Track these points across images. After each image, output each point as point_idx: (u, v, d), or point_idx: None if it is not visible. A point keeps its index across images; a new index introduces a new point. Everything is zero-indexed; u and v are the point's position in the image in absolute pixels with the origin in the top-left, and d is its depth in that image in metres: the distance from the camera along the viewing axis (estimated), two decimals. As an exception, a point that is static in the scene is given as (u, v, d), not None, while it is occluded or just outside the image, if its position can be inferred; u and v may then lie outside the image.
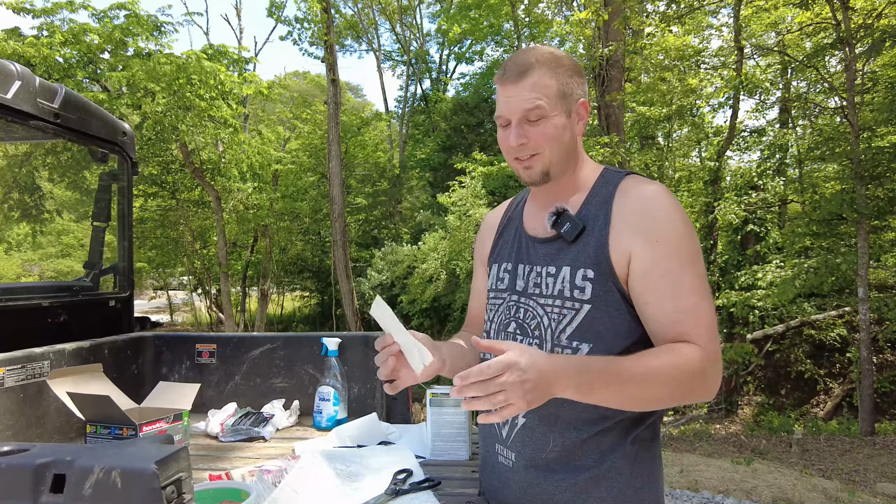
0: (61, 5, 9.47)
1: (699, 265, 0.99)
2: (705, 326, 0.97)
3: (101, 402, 1.04)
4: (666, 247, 0.98)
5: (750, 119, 11.19)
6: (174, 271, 17.32)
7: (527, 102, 1.03)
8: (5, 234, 15.31)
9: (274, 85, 12.63)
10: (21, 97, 1.58)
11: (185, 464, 0.62)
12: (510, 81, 1.05)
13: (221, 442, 1.62)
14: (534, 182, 1.09)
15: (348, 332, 1.93)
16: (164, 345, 1.94)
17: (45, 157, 10.08)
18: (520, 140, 1.05)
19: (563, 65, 1.06)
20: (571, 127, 1.07)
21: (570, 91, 1.06)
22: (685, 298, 0.97)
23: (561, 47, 16.89)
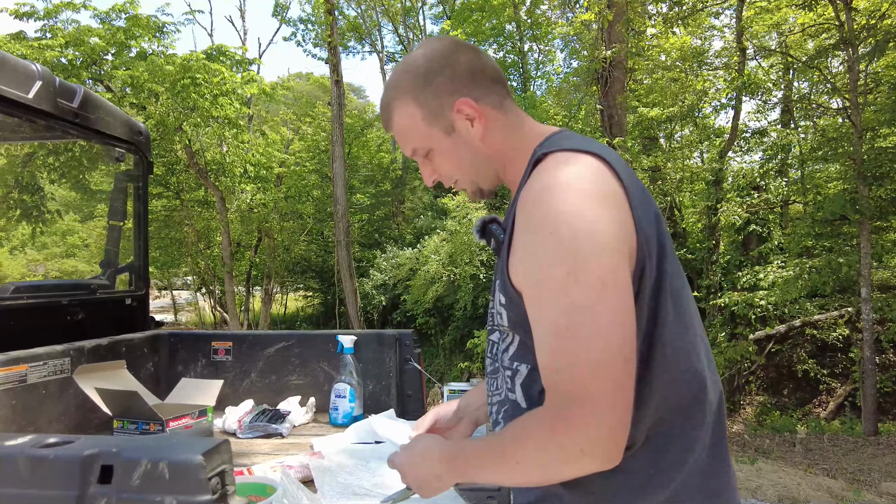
0: (63, 6, 9.49)
1: (573, 284, 0.73)
2: (557, 378, 0.73)
3: (128, 397, 1.06)
4: (534, 269, 0.78)
5: (752, 120, 11.19)
6: (178, 271, 17.33)
7: (405, 150, 0.95)
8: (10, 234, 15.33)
9: (277, 86, 12.65)
10: (42, 97, 1.60)
11: (227, 456, 0.64)
12: (388, 131, 0.97)
13: (239, 438, 1.64)
14: (481, 200, 1.01)
15: (364, 330, 1.95)
16: (180, 342, 1.96)
17: (45, 157, 10.08)
18: (431, 177, 0.97)
19: (417, 81, 0.90)
20: (464, 137, 0.90)
21: (438, 104, 0.89)
22: (541, 340, 0.76)
23: (563, 50, 16.91)
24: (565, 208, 0.75)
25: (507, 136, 0.91)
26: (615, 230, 0.75)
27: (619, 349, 0.71)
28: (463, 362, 10.98)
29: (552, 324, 0.74)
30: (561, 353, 0.72)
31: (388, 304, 13.50)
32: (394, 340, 1.90)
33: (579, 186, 0.76)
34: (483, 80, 0.90)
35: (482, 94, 0.90)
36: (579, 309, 0.72)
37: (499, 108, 0.91)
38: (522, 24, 16.47)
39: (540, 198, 0.78)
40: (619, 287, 0.73)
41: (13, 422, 1.39)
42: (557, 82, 16.95)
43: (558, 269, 0.73)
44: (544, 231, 0.75)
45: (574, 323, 0.72)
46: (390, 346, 1.90)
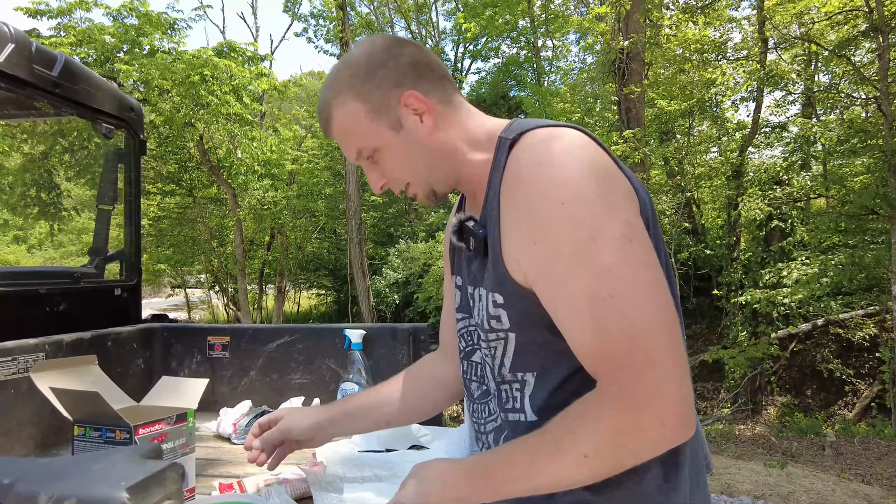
0: (76, 4, 9.45)
1: (600, 246, 0.66)
2: (609, 351, 0.65)
3: (88, 399, 0.88)
4: (545, 246, 0.69)
5: (773, 115, 10.86)
6: (192, 269, 17.33)
7: (349, 154, 0.86)
8: (28, 233, 15.41)
9: (290, 84, 12.55)
10: (14, 62, 1.43)
11: (174, 487, 0.45)
12: (328, 136, 0.88)
13: (234, 444, 1.47)
14: (433, 205, 0.91)
15: (373, 324, 1.77)
16: (174, 337, 1.79)
17: (62, 155, 10.07)
18: (379, 183, 0.87)
19: (358, 75, 0.82)
20: (413, 133, 0.82)
21: (383, 98, 0.81)
22: (578, 316, 0.67)
23: (578, 43, 16.66)
24: (570, 174, 0.69)
25: (460, 130, 0.84)
26: (622, 188, 0.72)
27: (666, 305, 0.66)
28: (477, 361, 10.77)
29: (587, 293, 0.66)
30: (608, 321, 0.65)
31: (401, 301, 13.36)
32: (407, 335, 1.72)
33: (576, 154, 0.71)
34: (429, 73, 0.84)
35: (429, 88, 0.83)
36: (614, 270, 0.65)
37: (448, 103, 0.84)
38: (536, 19, 16.24)
39: (535, 173, 0.72)
40: (643, 242, 0.69)
41: (-23, 425, 1.23)
42: (572, 77, 16.72)
43: (577, 235, 0.67)
44: (551, 202, 0.69)
45: (613, 285, 0.65)
46: (403, 341, 1.71)
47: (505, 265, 0.75)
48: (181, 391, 1.10)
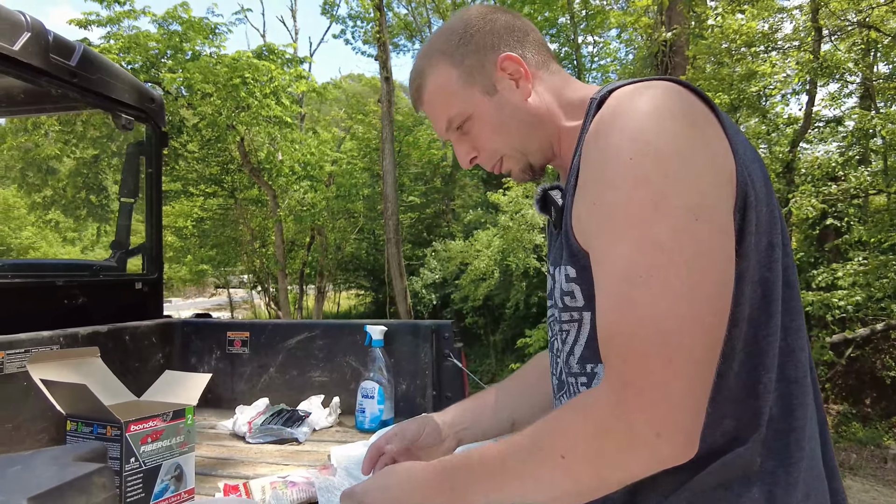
0: (123, 14, 9.76)
1: (659, 214, 0.56)
2: (627, 333, 0.55)
3: (77, 392, 0.83)
4: (603, 206, 0.61)
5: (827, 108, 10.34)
6: (234, 269, 17.71)
7: (439, 125, 0.82)
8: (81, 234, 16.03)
9: (329, 86, 12.67)
10: (31, 51, 1.41)
11: (102, 495, 0.37)
12: (418, 107, 0.84)
13: (248, 443, 1.41)
14: (529, 181, 0.85)
15: (395, 320, 1.69)
16: (194, 332, 1.75)
17: (110, 159, 10.42)
18: (469, 156, 0.83)
19: (452, 40, 0.79)
20: (508, 98, 0.77)
21: (478, 61, 0.77)
22: (609, 289, 0.59)
23: (619, 37, 16.30)
24: (646, 127, 0.60)
25: (556, 96, 0.79)
26: (710, 150, 0.61)
27: (710, 300, 0.56)
28: (515, 363, 10.65)
29: (626, 265, 0.57)
30: (637, 302, 0.55)
31: (438, 302, 13.31)
32: (430, 332, 1.63)
33: (660, 105, 0.62)
34: (525, 38, 0.80)
35: (526, 52, 0.79)
36: (664, 247, 0.56)
37: (545, 68, 0.80)
38: (576, 15, 15.96)
39: (612, 125, 0.63)
40: (713, 222, 0.58)
41: (-12, 418, 1.20)
42: (613, 74, 16.37)
43: (639, 195, 0.58)
44: (620, 157, 0.60)
45: (656, 264, 0.55)
46: (426, 338, 1.63)
47: (574, 233, 0.68)
48: (183, 386, 1.05)
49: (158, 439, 0.91)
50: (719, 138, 0.63)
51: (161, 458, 0.93)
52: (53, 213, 11.93)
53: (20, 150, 10.47)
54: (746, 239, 0.61)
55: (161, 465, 0.93)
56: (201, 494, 1.03)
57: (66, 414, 0.89)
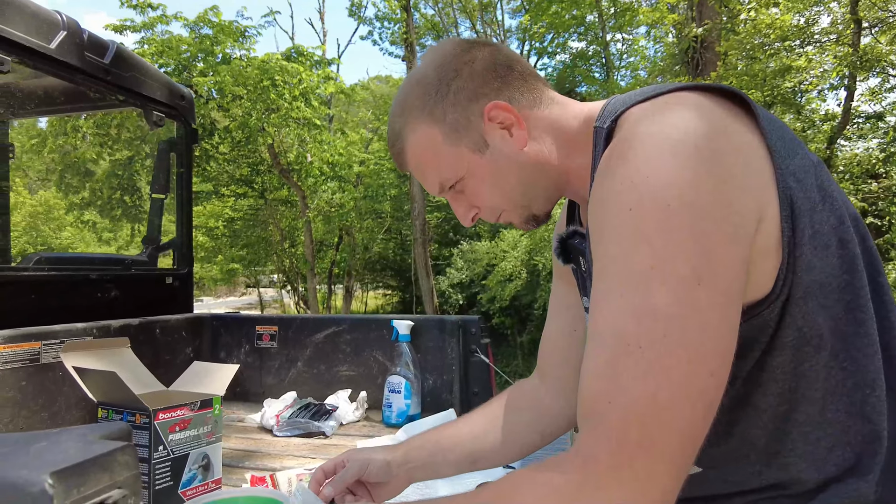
0: (156, 20, 10.00)
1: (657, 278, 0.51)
2: (608, 406, 0.51)
3: (107, 379, 0.84)
4: (599, 259, 0.56)
5: (867, 103, 10.00)
6: (264, 269, 17.98)
7: (431, 188, 0.75)
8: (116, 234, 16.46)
9: (357, 88, 12.77)
10: (66, 49, 1.44)
11: (127, 473, 0.37)
12: (403, 169, 0.77)
13: (276, 436, 1.41)
14: (535, 228, 0.78)
15: (422, 315, 1.68)
16: (223, 326, 1.77)
17: (143, 160, 10.69)
18: (469, 214, 0.75)
19: (429, 94, 0.70)
20: (502, 151, 0.70)
21: (461, 116, 0.69)
22: (596, 350, 0.54)
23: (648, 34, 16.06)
24: (651, 170, 0.53)
25: (555, 133, 0.71)
26: (728, 192, 0.53)
27: (704, 379, 0.50)
28: (542, 363, 10.55)
29: (617, 330, 0.52)
30: (624, 373, 0.50)
31: (464, 302, 13.30)
32: (457, 328, 1.61)
33: (673, 137, 0.54)
34: (511, 75, 0.71)
35: (514, 92, 0.70)
36: (659, 316, 0.50)
37: (538, 105, 0.71)
38: (604, 13, 15.78)
39: (617, 164, 0.56)
40: (719, 284, 0.51)
41: (24, 405, 1.23)
42: (643, 72, 16.13)
43: (636, 255, 0.52)
44: (620, 207, 0.53)
45: (650, 335, 0.50)
46: (453, 334, 1.61)
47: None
48: (211, 377, 1.05)
49: (186, 428, 0.92)
50: (747, 158, 0.56)
51: (189, 447, 0.93)
52: (90, 213, 12.28)
53: (59, 153, 10.81)
54: (800, 249, 0.55)
55: (189, 454, 0.94)
56: (228, 485, 1.04)
57: (97, 402, 0.90)
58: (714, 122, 0.55)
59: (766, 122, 0.59)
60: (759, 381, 0.59)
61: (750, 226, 0.54)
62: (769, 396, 0.59)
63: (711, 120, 0.55)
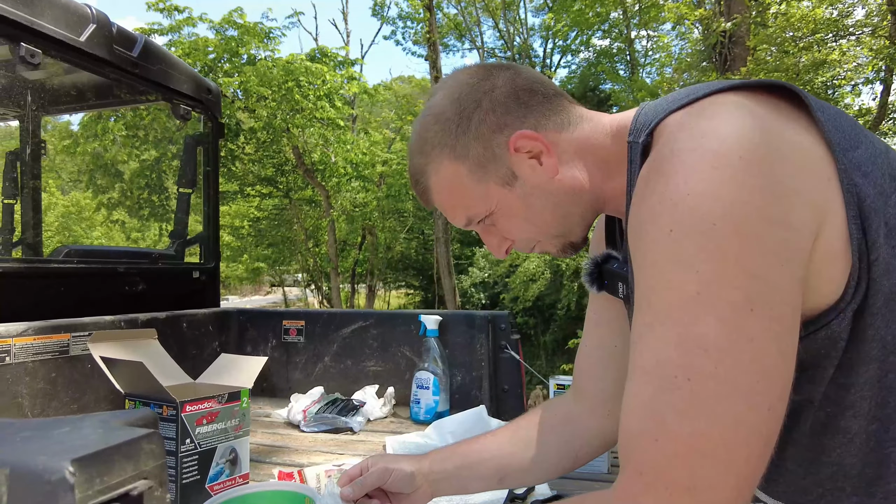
0: (183, 22, 10.15)
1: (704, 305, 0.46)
2: (650, 446, 0.47)
3: (134, 370, 0.82)
4: (641, 284, 0.52)
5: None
6: (289, 268, 18.15)
7: (458, 220, 0.71)
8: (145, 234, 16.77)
9: (379, 88, 12.81)
10: (96, 41, 1.44)
11: (152, 463, 0.34)
12: (428, 206, 0.73)
13: (303, 432, 1.39)
14: (574, 254, 0.73)
15: (449, 311, 1.65)
16: (249, 321, 1.76)
17: (170, 161, 10.84)
18: (503, 247, 0.72)
19: (449, 129, 0.66)
20: (532, 182, 0.66)
21: (485, 150, 0.65)
22: (638, 382, 0.49)
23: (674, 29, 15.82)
24: (693, 187, 0.47)
25: (588, 156, 0.66)
26: (780, 205, 0.47)
27: (760, 421, 0.46)
28: (566, 363, 10.47)
29: (661, 362, 0.47)
30: (666, 409, 0.46)
31: (487, 301, 13.24)
32: (486, 323, 1.58)
33: (716, 148, 0.48)
34: (535, 99, 0.66)
35: (541, 118, 0.66)
36: (708, 347, 0.45)
37: (566, 127, 0.66)
38: (629, 10, 15.58)
39: (652, 183, 0.51)
40: (774, 309, 0.46)
41: (54, 396, 1.23)
42: (668, 69, 15.88)
43: (680, 281, 0.47)
44: (659, 228, 0.49)
45: (697, 367, 0.45)
46: (482, 329, 1.57)
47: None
48: (239, 369, 1.03)
49: (213, 421, 0.90)
50: (801, 161, 0.50)
51: (216, 441, 0.91)
52: (119, 213, 12.53)
53: (91, 154, 11.04)
54: (875, 251, 0.50)
55: (216, 448, 0.91)
56: (255, 481, 1.01)
57: (124, 393, 0.89)
58: (759, 126, 0.50)
59: (822, 114, 0.54)
60: (844, 402, 0.54)
61: (806, 240, 0.49)
62: (858, 418, 0.54)
63: (756, 124, 0.50)
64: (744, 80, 0.55)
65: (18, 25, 1.27)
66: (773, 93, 0.55)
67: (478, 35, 21.36)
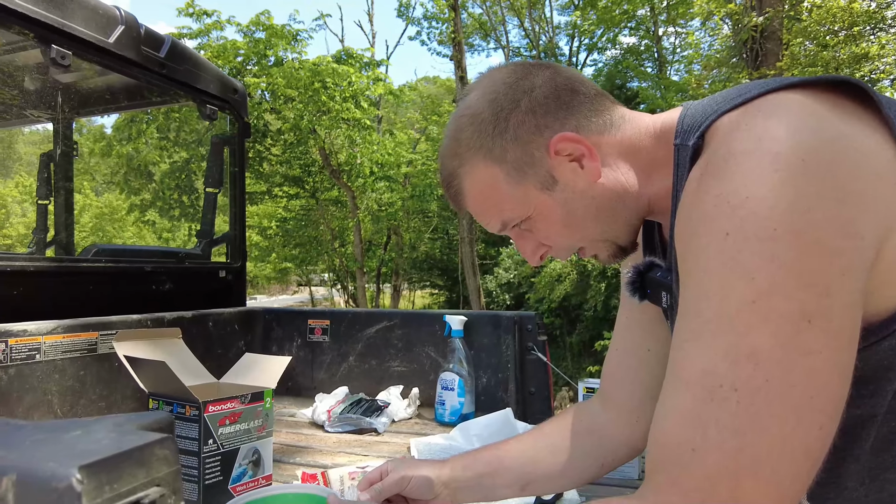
0: (212, 26, 10.32)
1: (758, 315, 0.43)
2: (687, 457, 0.45)
3: (157, 369, 0.81)
4: (688, 292, 0.49)
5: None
6: (316, 268, 18.33)
7: (492, 224, 0.67)
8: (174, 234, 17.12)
9: (405, 89, 12.86)
10: (124, 43, 1.46)
11: (166, 470, 0.32)
12: (459, 210, 0.70)
13: (327, 432, 1.38)
14: (620, 261, 0.70)
15: (475, 311, 1.62)
16: (275, 320, 1.76)
17: (200, 161, 11.04)
18: (537, 253, 0.68)
19: (485, 130, 0.63)
20: (573, 186, 0.62)
21: (524, 153, 0.62)
22: (677, 391, 0.47)
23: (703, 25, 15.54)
24: (751, 189, 0.45)
25: (633, 158, 0.63)
26: (844, 211, 0.44)
27: (810, 439, 0.43)
28: (592, 365, 10.35)
29: (706, 370, 0.45)
30: (710, 421, 0.44)
31: (512, 302, 13.17)
32: (512, 324, 1.55)
33: (776, 149, 0.45)
34: (577, 99, 0.63)
35: (582, 119, 0.62)
36: (759, 359, 0.43)
37: (609, 129, 0.63)
38: (656, 6, 15.34)
39: (706, 184, 0.48)
40: (833, 321, 0.43)
41: (83, 394, 1.24)
42: (697, 66, 15.60)
43: (734, 288, 0.44)
44: (714, 233, 0.46)
45: (745, 381, 0.43)
46: (508, 330, 1.55)
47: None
48: (262, 369, 1.02)
49: (237, 422, 0.89)
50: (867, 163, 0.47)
51: (239, 442, 0.90)
52: (151, 213, 12.80)
53: (124, 157, 11.30)
54: None
55: (239, 449, 0.91)
56: (279, 482, 1.01)
57: (148, 392, 0.89)
58: (822, 127, 0.47)
59: (891, 111, 0.50)
60: None
61: (870, 248, 0.46)
62: None
63: (818, 124, 0.47)
64: (803, 78, 0.52)
65: (50, 28, 1.29)
66: (835, 90, 0.51)
67: (503, 34, 21.27)
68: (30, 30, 1.26)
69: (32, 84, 1.76)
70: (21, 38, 1.31)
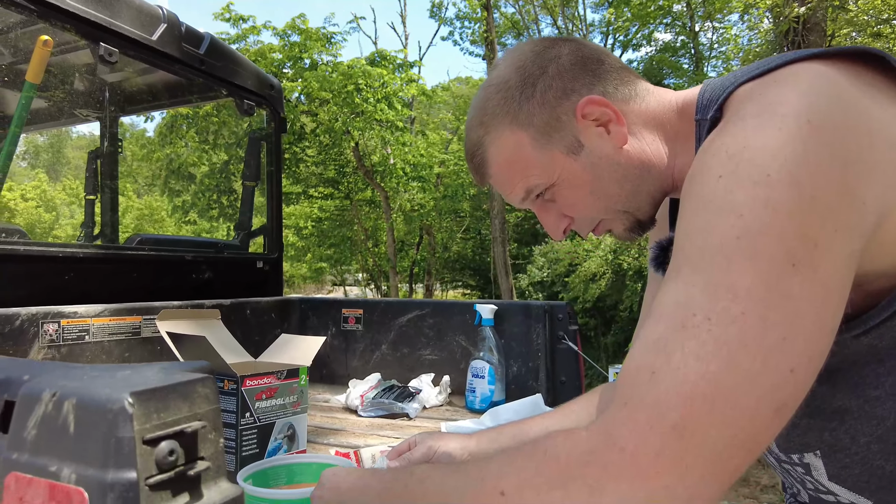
0: (249, 31, 10.56)
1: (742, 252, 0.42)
2: (663, 375, 0.41)
3: (197, 344, 0.85)
4: (679, 233, 0.48)
5: None
6: (349, 268, 18.55)
7: (514, 198, 0.67)
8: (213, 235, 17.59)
9: (437, 90, 12.92)
10: (166, 40, 1.51)
11: (206, 407, 0.35)
12: (483, 183, 0.70)
13: (360, 416, 1.41)
14: (641, 235, 0.69)
15: (505, 301, 1.63)
16: (311, 309, 1.80)
17: (237, 163, 11.33)
18: (561, 226, 0.68)
19: (512, 96, 0.63)
20: (600, 151, 0.62)
21: (551, 116, 0.62)
22: (650, 325, 0.45)
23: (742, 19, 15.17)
24: (751, 140, 0.45)
25: (658, 128, 0.63)
26: (847, 176, 0.44)
27: (779, 381, 0.41)
28: (628, 366, 10.19)
29: (681, 302, 0.43)
30: (677, 350, 0.41)
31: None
32: (543, 313, 1.55)
33: (781, 110, 0.45)
34: (602, 67, 0.64)
35: (609, 86, 0.63)
36: (738, 294, 0.41)
37: (634, 98, 0.64)
38: (692, 1, 15.04)
39: (709, 140, 0.49)
40: (819, 271, 0.42)
41: (128, 378, 1.29)
42: (736, 62, 15.23)
43: (720, 224, 0.44)
44: (709, 175, 0.46)
45: (724, 312, 0.41)
46: (539, 319, 1.55)
47: None
48: (298, 348, 1.06)
49: (272, 397, 0.92)
50: (883, 136, 0.47)
51: (275, 416, 0.94)
52: (191, 215, 13.17)
53: (165, 160, 11.67)
54: None
55: (275, 423, 0.94)
56: (314, 458, 1.03)
57: (189, 367, 0.93)
58: (837, 95, 0.46)
59: None
60: None
61: (871, 214, 0.45)
62: None
63: (833, 92, 0.46)
64: (824, 49, 0.51)
65: (99, 26, 1.35)
66: (858, 61, 0.51)
67: (536, 33, 21.14)
68: (80, 29, 1.33)
69: (81, 83, 1.84)
70: (73, 38, 1.38)
